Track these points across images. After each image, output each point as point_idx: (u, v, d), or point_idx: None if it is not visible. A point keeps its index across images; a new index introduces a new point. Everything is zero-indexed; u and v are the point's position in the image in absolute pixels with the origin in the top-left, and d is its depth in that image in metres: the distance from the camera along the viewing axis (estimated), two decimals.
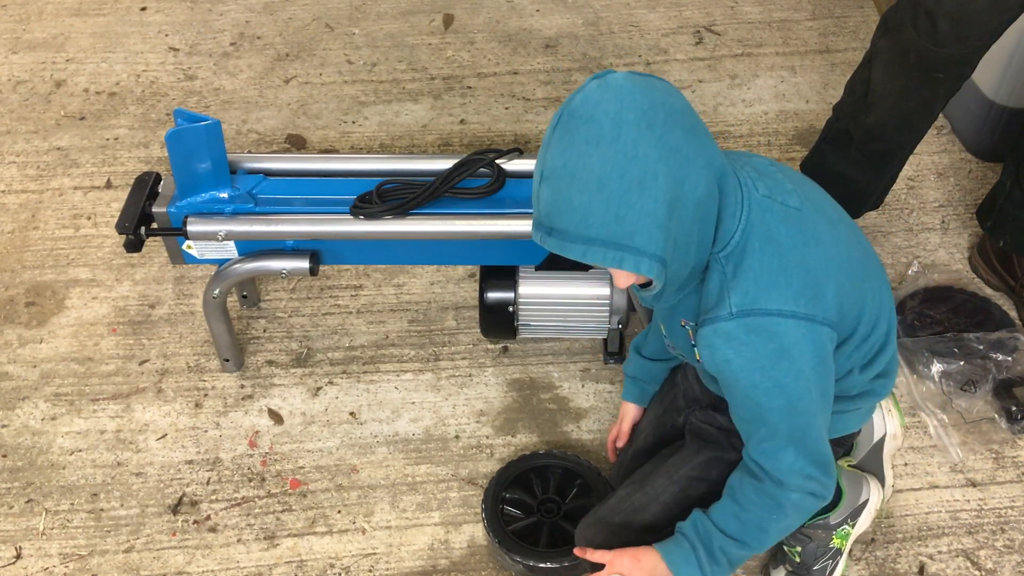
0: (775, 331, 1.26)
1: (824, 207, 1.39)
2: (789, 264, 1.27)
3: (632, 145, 1.14)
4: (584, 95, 1.18)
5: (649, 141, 1.14)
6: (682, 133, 1.16)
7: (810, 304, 1.27)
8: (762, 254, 1.26)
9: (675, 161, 1.15)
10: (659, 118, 1.15)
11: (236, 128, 2.56)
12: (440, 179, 1.77)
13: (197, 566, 1.75)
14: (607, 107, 1.16)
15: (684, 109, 1.19)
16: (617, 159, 1.14)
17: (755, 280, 1.26)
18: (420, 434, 1.93)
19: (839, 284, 1.31)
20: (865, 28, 2.80)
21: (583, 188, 1.16)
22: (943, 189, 2.37)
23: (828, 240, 1.32)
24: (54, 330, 2.11)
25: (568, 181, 1.16)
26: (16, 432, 1.94)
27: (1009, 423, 1.90)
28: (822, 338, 1.29)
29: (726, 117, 2.57)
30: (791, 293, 1.26)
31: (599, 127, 1.15)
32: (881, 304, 1.41)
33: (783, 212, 1.30)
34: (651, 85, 1.19)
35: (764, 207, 1.29)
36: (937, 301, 2.09)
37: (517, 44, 2.80)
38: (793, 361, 1.27)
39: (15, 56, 2.77)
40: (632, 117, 1.15)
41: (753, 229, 1.27)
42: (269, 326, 2.12)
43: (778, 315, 1.25)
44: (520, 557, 1.66)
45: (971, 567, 1.73)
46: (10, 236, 2.30)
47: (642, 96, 1.16)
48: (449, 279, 2.20)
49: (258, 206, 1.80)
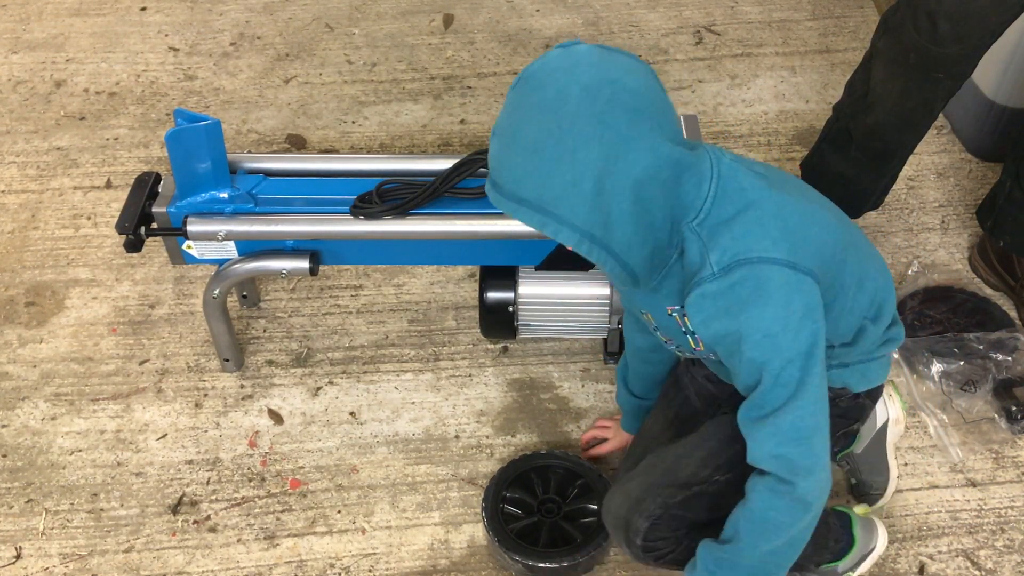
0: (758, 277, 1.26)
1: (795, 184, 1.43)
2: (765, 215, 1.28)
3: (569, 117, 1.16)
4: (543, 61, 1.22)
5: (587, 116, 1.16)
6: (624, 113, 1.17)
7: (791, 251, 1.27)
8: (736, 212, 1.27)
9: (610, 139, 1.16)
10: (603, 95, 1.17)
11: (236, 128, 2.56)
12: (440, 179, 1.77)
13: (197, 566, 1.75)
14: (558, 76, 1.19)
15: (638, 90, 1.20)
16: (553, 128, 1.17)
17: (731, 236, 1.26)
18: (420, 434, 1.93)
19: (818, 234, 1.33)
20: (865, 28, 2.80)
21: (521, 150, 1.19)
22: (943, 189, 2.37)
23: (800, 194, 1.37)
24: (54, 330, 2.11)
25: (510, 141, 1.21)
26: (16, 432, 1.94)
27: (1009, 423, 1.90)
28: (807, 286, 1.28)
29: (726, 117, 2.57)
30: (769, 242, 1.27)
31: (545, 94, 1.18)
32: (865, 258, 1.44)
33: (752, 174, 1.33)
34: (611, 62, 1.21)
35: (732, 170, 1.31)
36: (937, 301, 2.09)
37: (517, 44, 2.80)
38: (780, 307, 1.26)
39: (15, 56, 2.77)
40: (576, 90, 1.17)
41: (725, 193, 1.28)
42: (269, 326, 2.12)
43: (759, 261, 1.25)
44: (520, 557, 1.66)
45: (971, 567, 1.73)
46: (10, 236, 2.30)
47: (594, 71, 1.19)
48: (449, 279, 2.20)
49: (258, 206, 1.80)
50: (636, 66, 1.23)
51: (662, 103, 1.23)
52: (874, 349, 1.49)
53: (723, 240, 1.26)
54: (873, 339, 1.47)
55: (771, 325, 1.26)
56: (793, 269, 1.27)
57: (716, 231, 1.27)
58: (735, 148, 2.48)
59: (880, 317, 1.46)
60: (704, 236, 1.27)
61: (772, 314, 1.26)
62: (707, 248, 1.27)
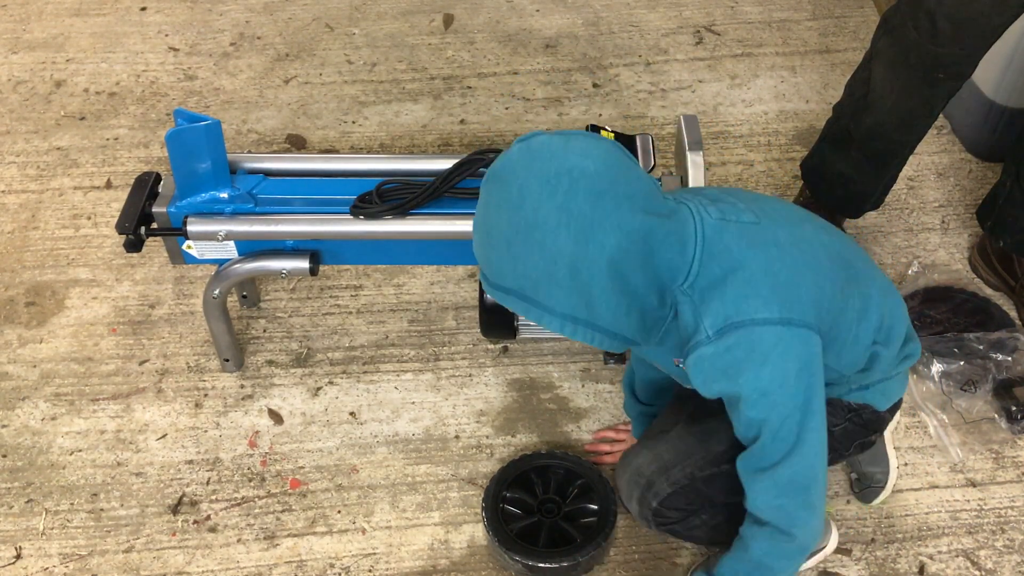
0: (751, 340, 1.28)
1: (784, 212, 1.41)
2: (754, 275, 1.29)
3: (532, 212, 1.20)
4: (505, 159, 1.26)
5: (549, 208, 1.20)
6: (586, 198, 1.20)
7: (784, 308, 1.29)
8: (724, 274, 1.29)
9: (576, 226, 1.19)
10: (562, 186, 1.20)
11: (236, 128, 2.56)
12: (440, 179, 1.77)
13: (197, 566, 1.75)
14: (518, 173, 1.23)
15: (597, 172, 1.21)
16: (520, 224, 1.21)
17: (722, 299, 1.28)
18: (420, 434, 1.93)
19: (811, 282, 1.32)
20: (865, 28, 2.80)
21: (495, 246, 1.25)
22: (943, 189, 2.37)
23: (789, 243, 1.35)
24: (54, 330, 2.11)
25: (485, 238, 1.27)
26: (16, 432, 1.94)
27: (1009, 423, 1.90)
28: (803, 340, 1.30)
29: (726, 117, 2.57)
30: (760, 302, 1.28)
31: (508, 192, 1.23)
32: (866, 286, 1.42)
33: (738, 229, 1.32)
34: (567, 149, 1.23)
35: (718, 229, 1.31)
36: (937, 301, 2.09)
37: (517, 44, 2.80)
38: (775, 368, 1.29)
39: (15, 56, 2.77)
40: (536, 185, 1.21)
41: (711, 255, 1.29)
42: (269, 326, 2.12)
43: (751, 324, 1.28)
44: (520, 557, 1.66)
45: (971, 567, 1.73)
46: (10, 236, 2.30)
47: (551, 163, 1.22)
48: (449, 279, 2.20)
49: (258, 206, 1.80)
50: (594, 148, 1.24)
51: (627, 177, 1.24)
52: (891, 368, 1.50)
53: (714, 304, 1.29)
54: (888, 361, 1.47)
55: (767, 385, 1.30)
56: (787, 325, 1.29)
57: (707, 294, 1.29)
58: (735, 148, 2.48)
59: (891, 340, 1.46)
60: (696, 299, 1.30)
61: (768, 374, 1.29)
62: (699, 312, 1.29)
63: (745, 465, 1.38)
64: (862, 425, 1.53)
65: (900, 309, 1.49)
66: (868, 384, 1.50)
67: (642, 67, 2.71)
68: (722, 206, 1.35)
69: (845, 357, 1.41)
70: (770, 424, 1.32)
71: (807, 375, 1.31)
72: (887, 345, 1.45)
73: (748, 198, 1.40)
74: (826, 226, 1.46)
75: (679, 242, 1.28)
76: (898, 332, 1.47)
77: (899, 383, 1.55)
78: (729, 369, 1.30)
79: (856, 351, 1.42)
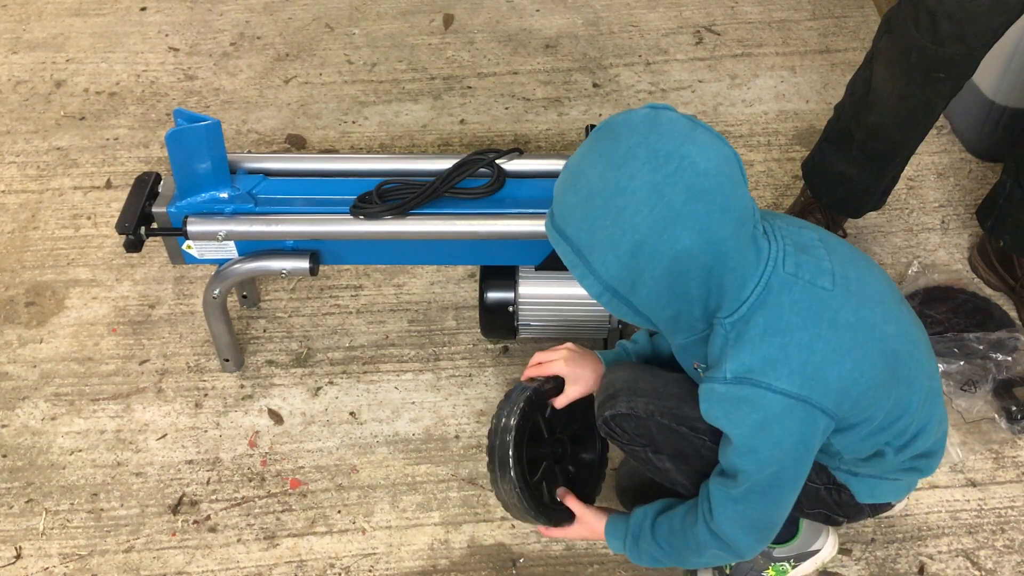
0: (761, 403, 1.27)
1: (866, 289, 1.34)
2: (791, 344, 1.26)
3: (628, 178, 1.17)
4: (629, 114, 1.23)
5: (645, 182, 1.17)
6: (684, 189, 1.17)
7: (806, 386, 1.27)
8: (765, 330, 1.27)
9: (661, 210, 1.16)
10: (669, 167, 1.17)
11: (236, 128, 2.56)
12: (440, 179, 1.77)
13: (197, 566, 1.75)
14: (634, 135, 1.19)
15: (707, 171, 1.18)
16: (610, 183, 1.18)
17: (752, 352, 1.27)
18: (420, 434, 1.93)
19: (847, 371, 1.28)
20: (865, 28, 2.80)
21: (577, 191, 1.22)
22: (943, 189, 2.37)
23: (847, 325, 1.29)
24: (54, 330, 2.11)
25: (570, 180, 1.24)
26: (16, 432, 1.94)
27: (1009, 423, 1.90)
28: (811, 420, 1.29)
29: (726, 117, 2.57)
30: (787, 371, 1.26)
31: (616, 147, 1.19)
32: (910, 394, 1.37)
33: (806, 291, 1.28)
34: (691, 137, 1.19)
35: (784, 284, 1.28)
36: (937, 301, 2.09)
37: (517, 44, 2.80)
38: (772, 434, 1.29)
39: (15, 56, 2.77)
40: (644, 153, 1.17)
41: (764, 305, 1.27)
42: (269, 326, 2.12)
43: (767, 389, 1.26)
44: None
45: (971, 567, 1.73)
46: (10, 236, 2.30)
47: (670, 141, 1.18)
48: (449, 279, 2.20)
49: (258, 206, 1.80)
50: (717, 149, 1.21)
51: (732, 190, 1.20)
52: (891, 472, 1.46)
53: (743, 354, 1.27)
54: (891, 463, 1.44)
55: (759, 445, 1.30)
56: (801, 402, 1.27)
57: (741, 340, 1.27)
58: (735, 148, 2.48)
59: (907, 447, 1.42)
60: (730, 338, 1.28)
61: (764, 437, 1.29)
62: (727, 352, 1.28)
63: (718, 488, 1.39)
64: (835, 502, 1.51)
65: (935, 423, 1.43)
66: (857, 473, 1.47)
67: (642, 67, 2.71)
68: (805, 259, 1.30)
69: (851, 444, 1.40)
70: (751, 475, 1.33)
71: (802, 449, 1.31)
72: (900, 451, 1.42)
73: (841, 257, 1.34)
74: (899, 316, 1.38)
75: (742, 278, 1.25)
76: (919, 443, 1.43)
77: (893, 488, 1.50)
78: (731, 415, 1.30)
79: (869, 444, 1.40)
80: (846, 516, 1.55)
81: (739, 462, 1.33)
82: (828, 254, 1.33)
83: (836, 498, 1.50)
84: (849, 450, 1.41)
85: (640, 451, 1.51)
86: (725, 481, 1.38)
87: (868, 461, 1.43)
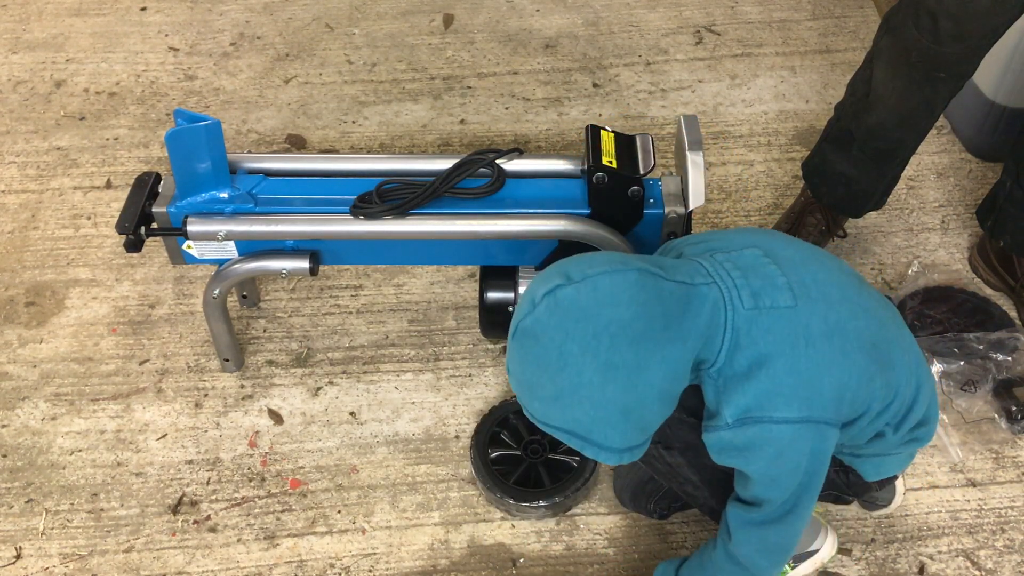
0: (770, 436, 1.30)
1: (825, 289, 1.34)
2: (776, 373, 1.29)
3: (577, 374, 1.21)
4: (534, 317, 1.24)
5: (593, 368, 1.20)
6: (628, 347, 1.20)
7: (804, 406, 1.29)
8: (748, 369, 1.29)
9: (624, 376, 1.21)
10: (603, 344, 1.20)
11: (236, 128, 2.56)
12: (440, 179, 1.77)
13: (197, 566, 1.75)
14: (552, 335, 1.22)
15: (633, 318, 1.21)
16: (565, 385, 1.22)
17: (743, 393, 1.29)
18: (420, 434, 1.93)
19: (836, 378, 1.31)
20: (865, 28, 2.80)
21: (541, 399, 1.26)
22: (943, 189, 2.37)
23: (821, 335, 1.30)
24: (54, 330, 2.11)
25: (528, 391, 1.27)
26: (16, 432, 1.94)
27: (1009, 423, 1.90)
28: (820, 436, 1.32)
29: (726, 117, 2.57)
30: (782, 400, 1.29)
31: (547, 354, 1.23)
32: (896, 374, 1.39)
33: (771, 318, 1.30)
34: (597, 302, 1.22)
35: (749, 320, 1.29)
36: (937, 301, 2.09)
37: (517, 44, 2.80)
38: (789, 460, 1.32)
39: (15, 56, 2.77)
40: (576, 348, 1.21)
41: (738, 346, 1.29)
42: (269, 326, 2.12)
43: (771, 422, 1.29)
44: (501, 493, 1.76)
45: (971, 567, 1.73)
46: (10, 236, 2.30)
47: (587, 324, 1.21)
48: (449, 279, 2.20)
49: (258, 206, 1.80)
50: (621, 290, 1.23)
51: (658, 306, 1.23)
52: (892, 448, 1.48)
53: (736, 396, 1.30)
54: (892, 441, 1.46)
55: (779, 473, 1.33)
56: (806, 423, 1.30)
57: (731, 384, 1.30)
58: (735, 148, 2.48)
59: (903, 424, 1.44)
60: (720, 386, 1.31)
61: (781, 465, 1.32)
62: (721, 400, 1.31)
63: (737, 515, 1.41)
64: (844, 483, 1.54)
65: (924, 392, 1.44)
66: (860, 455, 1.49)
67: (642, 67, 2.71)
68: (758, 285, 1.31)
69: (854, 435, 1.42)
70: (773, 501, 1.36)
71: (818, 464, 1.34)
72: (897, 429, 1.43)
73: (790, 262, 1.35)
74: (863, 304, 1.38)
75: (710, 338, 1.29)
76: (914, 416, 1.44)
77: (897, 461, 1.52)
78: (745, 452, 1.32)
79: (867, 431, 1.42)
80: (855, 494, 1.60)
81: (761, 492, 1.36)
82: (778, 267, 1.34)
83: (845, 479, 1.53)
84: (851, 439, 1.43)
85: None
86: (746, 507, 1.40)
87: (870, 443, 1.46)
